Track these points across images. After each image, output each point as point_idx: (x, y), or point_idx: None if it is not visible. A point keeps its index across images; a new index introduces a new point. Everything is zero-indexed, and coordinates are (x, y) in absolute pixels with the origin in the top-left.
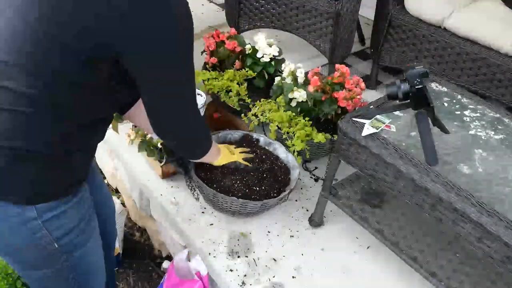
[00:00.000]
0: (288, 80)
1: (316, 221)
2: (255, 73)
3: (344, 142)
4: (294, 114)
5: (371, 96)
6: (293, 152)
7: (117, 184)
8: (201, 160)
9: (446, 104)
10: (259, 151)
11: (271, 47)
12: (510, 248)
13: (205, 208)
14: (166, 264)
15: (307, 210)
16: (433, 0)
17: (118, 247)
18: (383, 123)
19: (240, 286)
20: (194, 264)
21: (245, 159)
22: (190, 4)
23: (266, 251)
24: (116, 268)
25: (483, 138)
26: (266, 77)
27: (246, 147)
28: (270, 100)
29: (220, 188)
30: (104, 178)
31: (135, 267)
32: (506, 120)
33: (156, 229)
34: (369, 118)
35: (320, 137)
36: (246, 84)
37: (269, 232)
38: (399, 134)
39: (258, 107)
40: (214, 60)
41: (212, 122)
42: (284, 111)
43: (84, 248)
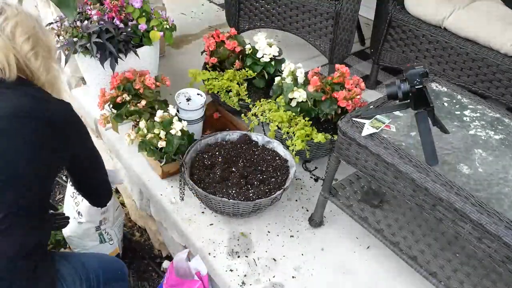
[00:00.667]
0: (288, 80)
1: (316, 221)
2: (255, 73)
3: (344, 142)
4: (294, 114)
5: (371, 96)
6: (292, 151)
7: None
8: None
9: (446, 104)
10: (257, 150)
11: (271, 47)
12: (510, 248)
13: (205, 208)
14: (166, 264)
15: (307, 210)
16: (433, 0)
17: (118, 247)
18: (383, 123)
19: (240, 286)
20: (194, 264)
21: None
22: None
23: (266, 251)
24: None
25: (483, 138)
26: (266, 77)
27: (245, 147)
28: (270, 100)
29: (216, 186)
30: None
31: (135, 267)
32: (506, 120)
33: (156, 229)
34: (369, 118)
35: (320, 137)
36: (246, 84)
37: (269, 232)
38: (399, 134)
39: (258, 107)
40: (214, 60)
41: (212, 122)
42: (284, 111)
43: None
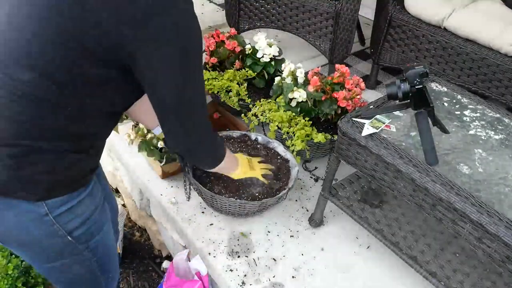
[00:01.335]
0: (288, 80)
1: (316, 221)
2: (255, 73)
3: (344, 142)
4: (294, 114)
5: (371, 96)
6: (292, 151)
7: (117, 184)
8: (215, 170)
9: (446, 104)
10: (257, 150)
11: (271, 47)
12: (510, 248)
13: (205, 208)
14: (166, 264)
15: (307, 210)
16: (433, 0)
17: (118, 247)
18: (383, 123)
19: (240, 286)
20: (194, 264)
21: (264, 176)
22: None
23: (266, 251)
24: None
25: (483, 138)
26: (266, 77)
27: (244, 147)
28: (270, 100)
29: (219, 186)
30: None
31: (135, 267)
32: (506, 120)
33: (156, 229)
34: (369, 118)
35: (320, 137)
36: (246, 84)
37: (269, 232)
38: (399, 134)
39: (258, 107)
40: (214, 60)
41: (212, 122)
42: (284, 111)
43: (101, 233)
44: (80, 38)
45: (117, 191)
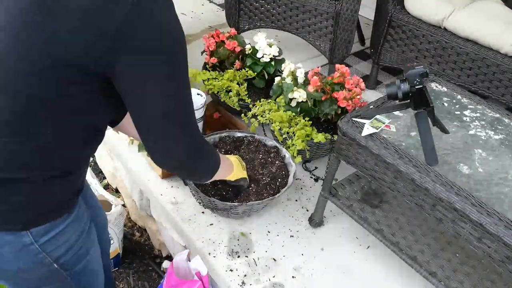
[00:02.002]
0: (288, 80)
1: (316, 221)
2: (255, 73)
3: (344, 142)
4: (294, 114)
5: (371, 96)
6: (292, 153)
7: (117, 184)
8: (213, 179)
9: (446, 104)
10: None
11: (271, 47)
12: (510, 248)
13: (205, 208)
14: (166, 264)
15: (307, 210)
16: (433, 0)
17: (118, 247)
18: (383, 123)
19: (240, 286)
20: (194, 264)
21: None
22: (190, 4)
23: (266, 251)
24: (116, 268)
25: (483, 138)
26: (266, 77)
27: (244, 147)
28: (270, 100)
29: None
30: (104, 178)
31: (135, 267)
32: (506, 120)
33: (156, 229)
34: (369, 118)
35: (320, 137)
36: (246, 84)
37: (269, 232)
38: (399, 134)
39: (258, 107)
40: (214, 60)
41: (212, 122)
42: (284, 111)
43: (86, 258)
44: (52, 52)
45: (117, 191)
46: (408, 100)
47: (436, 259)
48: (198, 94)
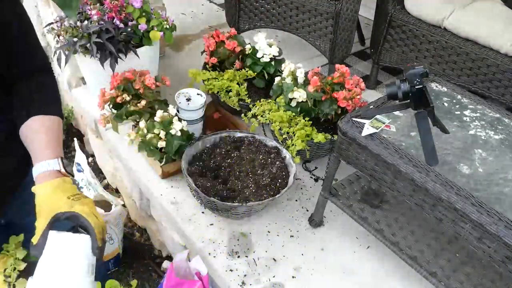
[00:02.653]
0: (288, 80)
1: (316, 221)
2: (255, 73)
3: (344, 142)
4: (294, 114)
5: (371, 96)
6: (292, 152)
7: (117, 184)
8: None
9: (446, 104)
10: (257, 150)
11: (271, 47)
12: (510, 248)
13: (205, 208)
14: (166, 264)
15: (307, 210)
16: (433, 0)
17: (118, 247)
18: (383, 123)
19: (240, 286)
20: (194, 264)
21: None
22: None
23: (266, 251)
24: (116, 268)
25: (483, 138)
26: (266, 77)
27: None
28: (270, 100)
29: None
30: (104, 178)
31: (135, 267)
32: (506, 120)
33: (156, 229)
34: (369, 118)
35: (320, 137)
36: (246, 84)
37: (269, 232)
38: (399, 134)
39: (258, 107)
40: (214, 60)
41: (212, 122)
42: (284, 111)
43: None
44: None
45: (117, 191)
46: (408, 100)
47: (436, 259)
48: (198, 94)
